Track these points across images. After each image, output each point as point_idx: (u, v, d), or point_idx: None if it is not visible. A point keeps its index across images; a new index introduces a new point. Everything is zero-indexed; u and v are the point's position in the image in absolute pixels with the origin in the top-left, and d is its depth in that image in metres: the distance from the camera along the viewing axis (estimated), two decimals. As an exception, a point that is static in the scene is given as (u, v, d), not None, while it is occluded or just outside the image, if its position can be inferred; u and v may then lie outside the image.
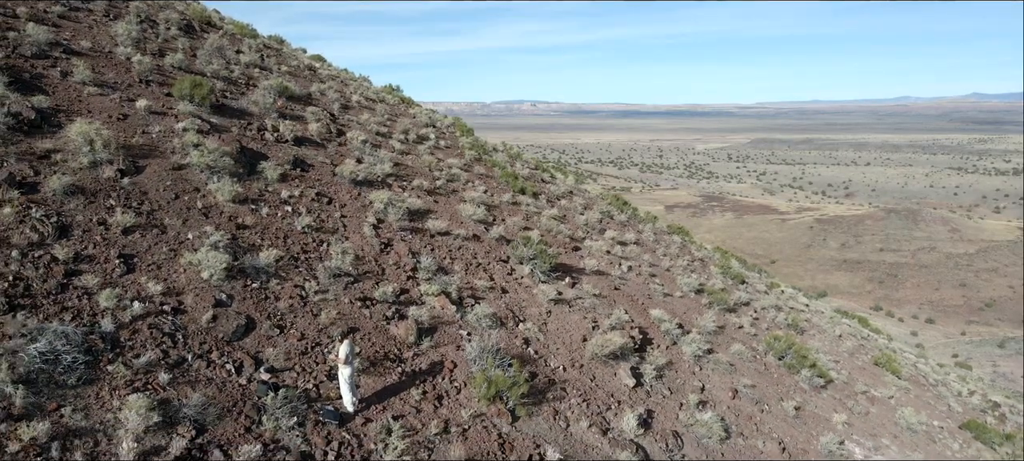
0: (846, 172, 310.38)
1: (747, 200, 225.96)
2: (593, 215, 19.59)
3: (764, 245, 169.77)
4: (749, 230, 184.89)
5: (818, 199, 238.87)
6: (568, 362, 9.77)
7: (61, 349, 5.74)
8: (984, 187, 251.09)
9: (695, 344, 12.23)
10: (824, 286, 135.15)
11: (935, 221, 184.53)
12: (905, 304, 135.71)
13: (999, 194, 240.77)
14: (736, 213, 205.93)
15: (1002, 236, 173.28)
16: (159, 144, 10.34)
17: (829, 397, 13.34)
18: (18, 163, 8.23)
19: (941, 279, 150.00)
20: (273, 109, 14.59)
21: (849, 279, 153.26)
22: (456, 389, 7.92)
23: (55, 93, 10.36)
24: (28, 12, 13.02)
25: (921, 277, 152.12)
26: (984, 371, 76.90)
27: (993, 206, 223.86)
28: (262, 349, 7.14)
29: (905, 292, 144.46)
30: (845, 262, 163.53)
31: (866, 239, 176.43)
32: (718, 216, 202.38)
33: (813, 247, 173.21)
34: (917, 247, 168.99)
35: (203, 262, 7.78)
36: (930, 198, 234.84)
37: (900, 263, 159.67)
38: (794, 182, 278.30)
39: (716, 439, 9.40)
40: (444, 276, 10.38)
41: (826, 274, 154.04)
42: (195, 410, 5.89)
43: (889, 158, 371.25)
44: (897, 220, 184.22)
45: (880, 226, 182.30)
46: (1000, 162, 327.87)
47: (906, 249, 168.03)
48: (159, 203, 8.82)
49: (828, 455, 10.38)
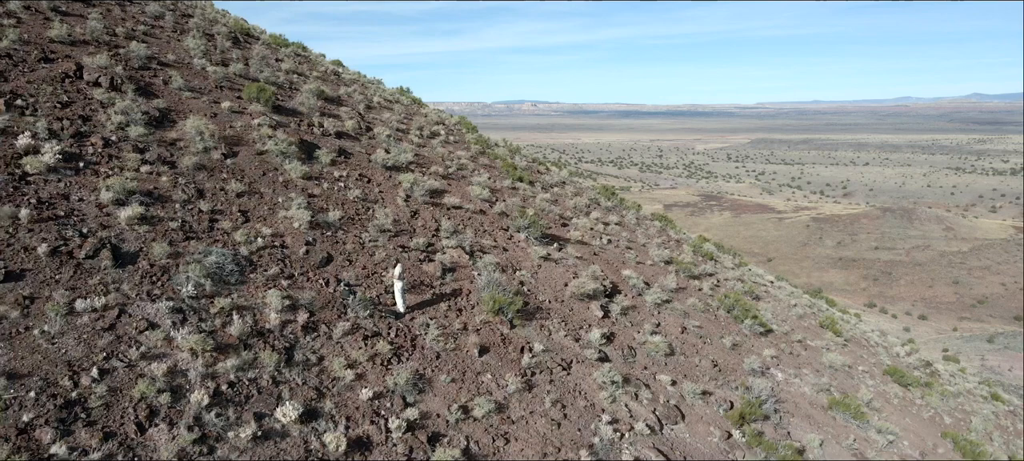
0: (844, 172, 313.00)
1: (745, 199, 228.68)
2: (581, 201, 22.90)
3: (761, 243, 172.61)
4: (746, 229, 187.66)
5: (816, 199, 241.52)
6: (552, 298, 13.09)
7: (223, 263, 9.06)
8: (981, 187, 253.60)
9: (656, 295, 15.54)
10: (819, 283, 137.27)
11: (930, 220, 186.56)
12: (899, 301, 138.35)
13: (995, 194, 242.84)
14: (734, 212, 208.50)
15: (995, 235, 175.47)
16: (243, 135, 13.67)
17: (767, 341, 16.60)
18: (158, 148, 11.57)
19: (934, 276, 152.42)
20: (316, 109, 17.92)
21: (844, 277, 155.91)
22: (471, 306, 11.24)
23: (164, 97, 13.69)
24: (124, 31, 16.37)
25: (915, 275, 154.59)
26: (972, 364, 79.85)
27: (989, 205, 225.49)
28: (339, 273, 10.47)
29: (899, 289, 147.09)
30: (840, 260, 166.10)
31: (861, 237, 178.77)
32: (716, 215, 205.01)
33: (809, 245, 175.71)
34: (912, 245, 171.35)
35: (294, 216, 11.11)
36: (927, 198, 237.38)
37: (894, 261, 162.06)
38: (792, 182, 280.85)
39: (661, 354, 12.70)
40: (459, 236, 13.69)
41: (821, 272, 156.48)
42: (306, 302, 9.22)
43: (888, 158, 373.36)
44: (892, 219, 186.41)
45: (875, 225, 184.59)
46: (998, 162, 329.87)
47: (901, 247, 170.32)
48: (254, 177, 12.16)
49: (751, 373, 13.65)
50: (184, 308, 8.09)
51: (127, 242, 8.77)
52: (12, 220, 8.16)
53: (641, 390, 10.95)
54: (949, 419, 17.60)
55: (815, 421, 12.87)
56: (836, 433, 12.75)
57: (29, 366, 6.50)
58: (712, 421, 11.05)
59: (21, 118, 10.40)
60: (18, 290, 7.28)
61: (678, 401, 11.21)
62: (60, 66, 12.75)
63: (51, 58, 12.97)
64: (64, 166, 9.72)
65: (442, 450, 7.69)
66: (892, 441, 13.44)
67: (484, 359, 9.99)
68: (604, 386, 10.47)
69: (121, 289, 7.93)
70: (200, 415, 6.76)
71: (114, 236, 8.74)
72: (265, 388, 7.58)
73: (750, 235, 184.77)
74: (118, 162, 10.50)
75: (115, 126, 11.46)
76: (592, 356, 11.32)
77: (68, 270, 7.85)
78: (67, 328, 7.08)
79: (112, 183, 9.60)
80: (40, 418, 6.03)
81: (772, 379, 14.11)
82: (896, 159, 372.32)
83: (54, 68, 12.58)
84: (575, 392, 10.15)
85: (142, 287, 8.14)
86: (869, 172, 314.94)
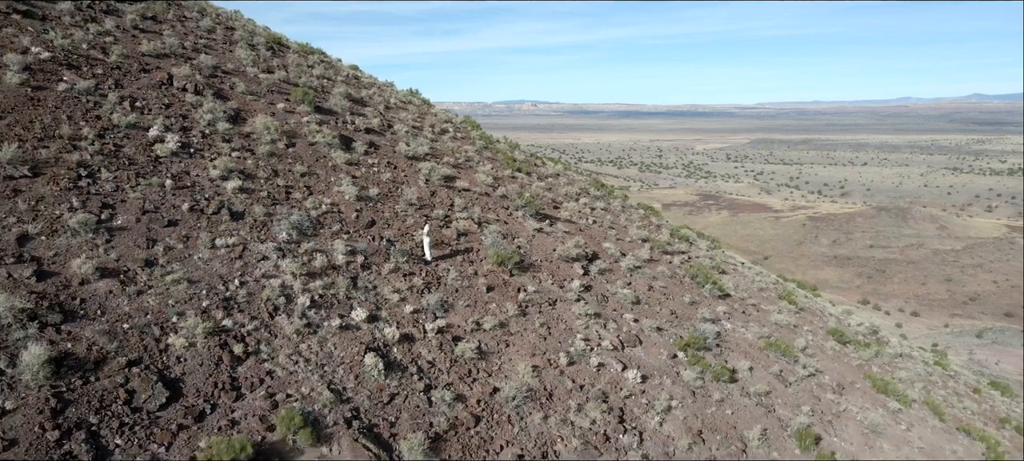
0: (843, 172, 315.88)
1: (743, 199, 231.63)
2: (572, 189, 26.38)
3: (757, 242, 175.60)
4: (743, 227, 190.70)
5: (813, 198, 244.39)
6: (543, 258, 16.58)
7: (302, 221, 12.55)
8: (978, 187, 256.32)
9: (629, 262, 19.01)
10: (814, 281, 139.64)
11: (924, 219, 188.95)
12: (892, 298, 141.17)
13: (992, 194, 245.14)
14: (731, 211, 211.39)
15: (989, 233, 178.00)
16: (297, 130, 17.16)
17: (723, 303, 20.02)
18: (239, 140, 15.06)
19: (928, 274, 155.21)
20: (347, 109, 21.41)
21: (838, 274, 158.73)
22: (479, 259, 14.73)
23: (234, 99, 17.18)
24: (191, 44, 19.87)
25: (908, 272, 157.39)
26: (961, 358, 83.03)
27: (986, 205, 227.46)
28: (382, 232, 13.97)
29: (892, 287, 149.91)
30: (835, 258, 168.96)
31: (856, 236, 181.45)
32: (714, 214, 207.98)
33: (805, 244, 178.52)
34: (906, 243, 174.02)
35: (344, 191, 14.61)
36: (924, 197, 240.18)
37: (889, 259, 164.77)
38: (791, 181, 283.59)
39: (628, 302, 16.15)
40: (469, 211, 17.17)
41: (817, 270, 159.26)
42: (361, 250, 12.72)
43: (886, 158, 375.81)
44: (887, 218, 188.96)
45: (871, 223, 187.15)
46: (996, 162, 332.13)
47: (895, 245, 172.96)
48: (311, 162, 15.65)
49: (702, 320, 17.09)
50: (282, 248, 11.60)
51: (235, 205, 12.27)
52: (161, 187, 11.66)
53: (609, 323, 14.44)
54: (877, 369, 21.02)
55: (750, 355, 16.32)
56: (766, 364, 16.20)
57: (197, 277, 10.00)
58: (663, 347, 14.54)
59: (142, 116, 13.90)
60: (178, 231, 10.77)
61: (638, 332, 14.70)
62: (156, 75, 16.25)
63: (147, 69, 16.47)
64: (181, 152, 13.21)
65: (462, 345, 11.19)
66: (813, 373, 16.89)
67: (490, 294, 13.49)
68: (580, 317, 13.96)
69: (240, 234, 11.43)
70: (304, 312, 10.25)
71: (226, 200, 12.25)
72: (341, 301, 11.08)
73: (747, 234, 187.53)
74: (215, 150, 14.00)
75: (206, 123, 14.95)
76: (572, 298, 14.81)
77: (203, 221, 11.35)
78: (213, 257, 10.58)
79: (218, 163, 13.10)
80: (213, 306, 9.52)
81: (720, 326, 17.56)
82: (894, 159, 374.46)
83: (152, 77, 16.08)
84: (558, 320, 13.65)
85: (252, 234, 11.65)
86: (867, 172, 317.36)
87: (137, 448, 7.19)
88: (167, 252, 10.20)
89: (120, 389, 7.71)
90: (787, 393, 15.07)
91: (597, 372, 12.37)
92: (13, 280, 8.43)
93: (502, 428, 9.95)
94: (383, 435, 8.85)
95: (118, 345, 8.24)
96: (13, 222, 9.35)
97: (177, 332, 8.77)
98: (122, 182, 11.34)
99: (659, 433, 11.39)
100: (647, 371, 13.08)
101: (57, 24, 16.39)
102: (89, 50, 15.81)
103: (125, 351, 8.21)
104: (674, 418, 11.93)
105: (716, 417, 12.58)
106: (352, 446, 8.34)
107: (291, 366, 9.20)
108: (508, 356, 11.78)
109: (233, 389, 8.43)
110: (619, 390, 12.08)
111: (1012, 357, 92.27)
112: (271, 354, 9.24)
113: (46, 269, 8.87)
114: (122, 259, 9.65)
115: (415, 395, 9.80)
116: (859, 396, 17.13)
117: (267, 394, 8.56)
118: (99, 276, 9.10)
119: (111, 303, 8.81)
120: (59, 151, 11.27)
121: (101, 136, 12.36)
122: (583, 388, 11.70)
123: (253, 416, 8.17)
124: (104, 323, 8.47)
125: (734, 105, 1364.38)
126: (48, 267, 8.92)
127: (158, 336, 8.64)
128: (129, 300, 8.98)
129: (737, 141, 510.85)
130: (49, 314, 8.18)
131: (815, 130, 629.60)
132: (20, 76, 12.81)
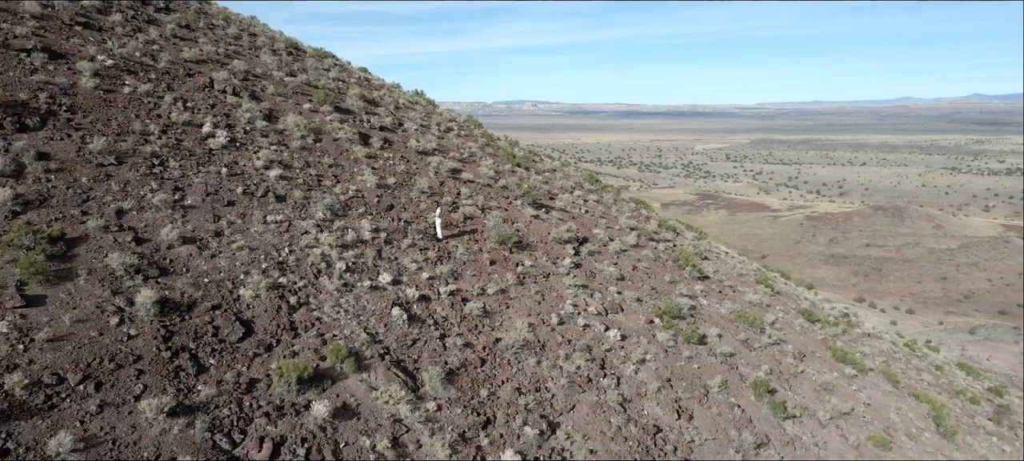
0: (841, 172, 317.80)
1: (741, 198, 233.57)
2: (568, 182, 28.67)
3: (755, 241, 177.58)
4: (741, 226, 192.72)
5: (812, 198, 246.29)
6: (539, 240, 18.88)
7: (333, 203, 14.84)
8: (975, 186, 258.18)
9: (616, 246, 21.30)
10: (811, 279, 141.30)
11: (920, 218, 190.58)
12: (888, 296, 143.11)
13: (989, 193, 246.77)
14: (730, 210, 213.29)
15: (984, 232, 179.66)
16: (322, 127, 19.47)
17: (701, 283, 22.30)
18: (275, 136, 17.36)
19: (923, 273, 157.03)
20: (362, 109, 23.72)
21: (835, 273, 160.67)
22: (484, 239, 17.03)
23: (266, 100, 19.48)
24: (224, 50, 22.18)
25: (904, 271, 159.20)
26: (953, 354, 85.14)
27: (983, 205, 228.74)
28: (400, 214, 16.27)
29: (888, 285, 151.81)
30: (832, 257, 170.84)
31: (853, 235, 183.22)
32: (712, 213, 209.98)
33: (802, 243, 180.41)
34: (902, 242, 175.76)
35: (366, 180, 16.91)
36: (922, 197, 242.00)
37: (885, 258, 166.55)
38: (789, 181, 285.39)
39: (614, 279, 18.44)
40: (473, 199, 19.47)
41: (813, 268, 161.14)
42: (384, 228, 15.03)
43: (885, 158, 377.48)
44: (884, 217, 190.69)
45: (867, 223, 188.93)
46: (994, 163, 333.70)
47: (891, 244, 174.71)
48: (336, 155, 17.96)
49: (679, 296, 19.36)
50: (320, 224, 13.92)
51: (278, 189, 14.58)
52: (218, 174, 13.97)
53: (595, 293, 16.75)
54: (841, 344, 23.28)
55: (720, 325, 18.61)
56: (734, 333, 18.49)
57: (255, 245, 12.31)
58: (642, 314, 16.84)
59: (194, 115, 16.20)
60: (236, 210, 13.09)
61: (620, 301, 17.01)
62: (199, 79, 18.56)
63: (191, 73, 18.77)
64: (230, 145, 15.52)
65: (470, 305, 13.50)
66: (776, 342, 19.17)
67: (492, 267, 15.81)
68: (570, 288, 16.27)
69: (284, 213, 13.75)
70: (341, 274, 12.56)
71: (271, 186, 14.56)
72: (370, 267, 13.39)
73: (745, 233, 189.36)
74: (256, 144, 16.31)
75: (246, 121, 17.26)
76: (563, 272, 17.12)
77: (255, 202, 13.66)
78: (265, 230, 12.89)
79: (260, 155, 15.41)
80: (270, 267, 11.83)
81: (696, 301, 19.85)
82: (893, 159, 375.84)
83: (196, 80, 18.38)
84: (550, 289, 15.96)
85: (295, 213, 13.96)
86: (866, 172, 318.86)
87: (226, 367, 9.49)
88: (230, 225, 12.51)
89: (208, 325, 10.01)
90: (750, 356, 17.36)
91: (583, 331, 14.67)
92: (119, 243, 10.73)
93: (503, 368, 12.25)
94: (409, 368, 11.16)
95: (202, 293, 10.55)
96: (111, 200, 11.66)
97: (245, 286, 11.08)
98: (187, 170, 13.65)
99: (634, 379, 13.69)
100: (626, 332, 15.38)
101: (112, 34, 18.70)
102: (141, 57, 18.12)
103: (208, 298, 10.51)
104: (647, 368, 14.23)
105: (684, 369, 14.87)
106: (386, 374, 10.64)
107: (334, 314, 11.51)
108: (508, 315, 14.08)
109: (291, 329, 10.73)
110: (601, 345, 14.38)
111: (1004, 353, 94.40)
112: (318, 305, 11.55)
113: (141, 236, 11.17)
114: (196, 230, 11.96)
115: (432, 341, 12.11)
116: (818, 363, 19.41)
117: (317, 334, 10.87)
118: (181, 242, 11.41)
119: (193, 263, 11.12)
120: (135, 144, 13.58)
121: (164, 132, 14.67)
122: (571, 342, 14.00)
123: (308, 349, 10.48)
124: (189, 277, 10.78)
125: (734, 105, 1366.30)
126: (142, 235, 11.23)
127: (231, 288, 10.95)
128: (206, 261, 11.29)
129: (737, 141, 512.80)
130: (149, 269, 10.48)
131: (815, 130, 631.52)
132: (93, 80, 15.12)
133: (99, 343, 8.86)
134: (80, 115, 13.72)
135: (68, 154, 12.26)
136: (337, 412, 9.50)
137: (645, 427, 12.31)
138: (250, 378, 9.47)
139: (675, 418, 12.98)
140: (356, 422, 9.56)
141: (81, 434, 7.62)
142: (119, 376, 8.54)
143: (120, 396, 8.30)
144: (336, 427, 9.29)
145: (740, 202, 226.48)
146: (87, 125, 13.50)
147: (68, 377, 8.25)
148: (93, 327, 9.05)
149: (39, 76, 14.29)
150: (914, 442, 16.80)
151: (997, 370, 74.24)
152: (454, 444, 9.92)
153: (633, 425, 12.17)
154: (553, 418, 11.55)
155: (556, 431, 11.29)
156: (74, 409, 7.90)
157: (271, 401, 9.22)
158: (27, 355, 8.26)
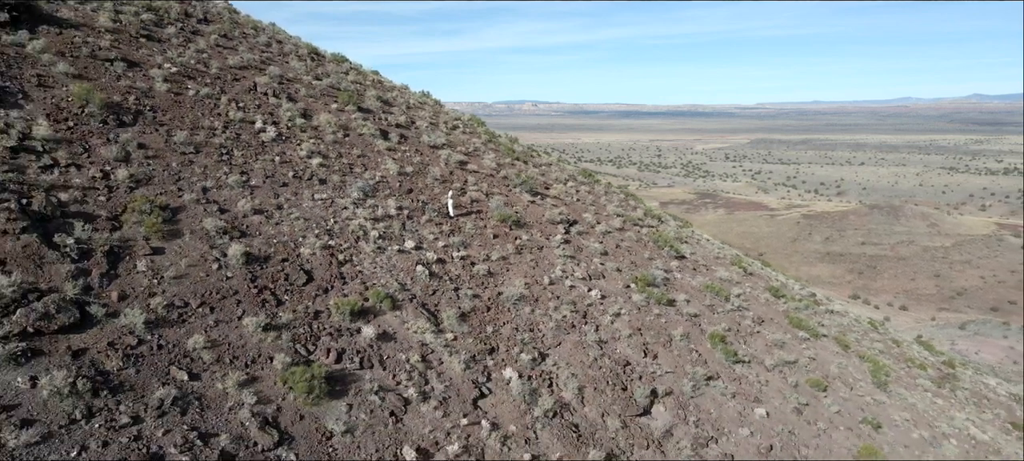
0: (840, 171, 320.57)
1: (740, 197, 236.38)
2: (562, 174, 31.91)
3: (752, 239, 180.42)
4: (739, 225, 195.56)
5: (810, 197, 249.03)
6: (534, 220, 22.12)
7: (365, 185, 18.07)
8: (973, 186, 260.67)
9: (602, 228, 24.51)
10: (807, 277, 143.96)
11: (915, 216, 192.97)
12: (882, 293, 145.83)
13: (986, 193, 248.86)
14: (728, 209, 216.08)
15: (978, 231, 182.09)
16: (348, 125, 22.70)
17: (678, 261, 25.49)
18: (311, 132, 20.59)
19: (917, 270, 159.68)
20: (379, 109, 26.97)
21: (830, 270, 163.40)
22: (488, 218, 20.27)
23: (301, 101, 22.71)
24: (260, 57, 25.42)
25: (898, 268, 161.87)
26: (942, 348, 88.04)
27: (979, 204, 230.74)
28: (418, 196, 19.51)
29: (882, 282, 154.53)
30: (828, 255, 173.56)
31: (849, 233, 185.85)
32: (711, 212, 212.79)
33: (798, 241, 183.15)
34: (896, 241, 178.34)
35: (389, 168, 20.15)
36: (919, 196, 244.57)
37: (879, 255, 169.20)
38: (788, 181, 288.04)
39: (598, 253, 21.66)
40: (479, 186, 22.70)
41: (810, 266, 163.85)
42: (406, 207, 18.27)
43: (883, 158, 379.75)
44: (879, 216, 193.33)
45: (863, 221, 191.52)
46: (992, 162, 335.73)
47: (886, 243, 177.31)
48: (363, 148, 21.19)
49: (656, 269, 22.55)
50: (356, 202, 17.16)
51: (320, 174, 17.83)
52: (272, 162, 17.22)
53: (581, 263, 19.98)
54: (802, 316, 26.45)
55: (690, 293, 21.81)
56: (701, 300, 21.69)
57: (308, 216, 15.54)
58: (620, 281, 20.06)
59: (246, 114, 19.42)
60: (289, 189, 16.32)
61: (603, 270, 20.24)
62: (245, 83, 21.79)
63: (238, 78, 22.01)
64: (277, 139, 18.75)
65: (477, 267, 16.74)
66: (739, 309, 22.37)
67: (495, 239, 19.06)
68: (560, 258, 19.50)
69: (327, 193, 16.99)
70: (375, 240, 15.80)
71: (314, 171, 17.79)
72: (397, 236, 16.63)
73: (743, 231, 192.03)
74: (298, 138, 19.55)
75: (287, 119, 20.49)
76: (555, 246, 20.36)
77: (303, 183, 16.90)
78: (314, 205, 16.13)
79: (303, 147, 18.64)
80: (321, 233, 15.06)
81: (671, 275, 23.07)
82: (892, 159, 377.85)
83: (243, 84, 21.62)
84: (543, 258, 19.19)
85: (334, 193, 17.20)
86: (864, 171, 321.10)
87: (297, 301, 12.71)
88: (287, 201, 15.75)
89: (281, 273, 13.24)
90: (713, 317, 20.58)
91: (569, 290, 17.91)
92: (208, 212, 13.97)
93: (504, 313, 15.48)
94: (431, 309, 14.39)
95: (274, 250, 13.78)
96: (196, 180, 14.89)
97: (304, 246, 14.31)
98: (248, 158, 16.89)
99: (610, 327, 16.91)
100: (606, 293, 18.61)
101: (169, 45, 21.94)
102: (196, 65, 21.36)
103: (278, 253, 13.75)
104: (622, 320, 17.45)
105: (653, 323, 18.10)
106: (415, 311, 13.87)
107: (372, 269, 14.74)
108: (508, 276, 17.30)
109: (341, 278, 13.96)
110: (584, 301, 17.61)
111: (992, 347, 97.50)
112: (359, 262, 14.79)
113: (223, 207, 14.41)
114: (262, 204, 15.19)
115: (449, 291, 15.34)
116: (775, 327, 22.62)
117: (361, 282, 14.10)
118: (253, 212, 14.64)
119: (263, 228, 14.36)
120: (206, 137, 16.81)
121: (226, 128, 17.91)
122: (559, 298, 17.23)
123: (355, 293, 13.70)
124: (263, 239, 14.01)
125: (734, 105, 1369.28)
126: (223, 206, 14.46)
127: (294, 247, 14.18)
128: (273, 227, 14.52)
129: (737, 141, 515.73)
130: (232, 232, 13.71)
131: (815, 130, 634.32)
132: (164, 85, 18.35)
133: (207, 282, 12.09)
134: (160, 113, 16.96)
135: (159, 144, 15.49)
136: (380, 336, 12.73)
137: (617, 360, 15.53)
138: (315, 310, 12.70)
139: (642, 356, 16.21)
140: (394, 343, 12.79)
141: (208, 338, 10.85)
142: (224, 304, 11.77)
143: (227, 316, 11.54)
144: (380, 346, 12.52)
145: (738, 201, 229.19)
146: (168, 121, 16.74)
147: (190, 302, 11.48)
148: (201, 270, 12.28)
149: (124, 81, 17.53)
150: (849, 389, 19.99)
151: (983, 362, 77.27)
152: (467, 362, 13.14)
153: (607, 359, 15.39)
154: (543, 350, 14.78)
155: (545, 359, 14.52)
156: (199, 323, 11.13)
157: (332, 325, 12.45)
158: (161, 287, 11.49)
